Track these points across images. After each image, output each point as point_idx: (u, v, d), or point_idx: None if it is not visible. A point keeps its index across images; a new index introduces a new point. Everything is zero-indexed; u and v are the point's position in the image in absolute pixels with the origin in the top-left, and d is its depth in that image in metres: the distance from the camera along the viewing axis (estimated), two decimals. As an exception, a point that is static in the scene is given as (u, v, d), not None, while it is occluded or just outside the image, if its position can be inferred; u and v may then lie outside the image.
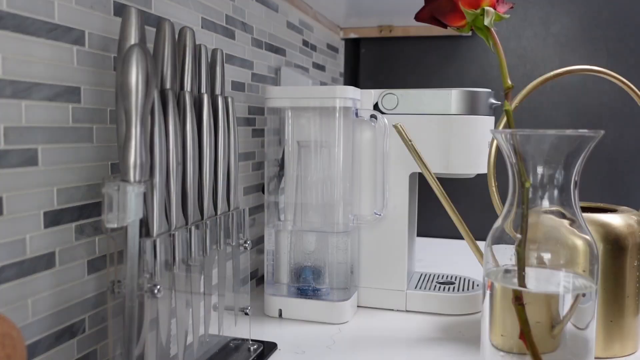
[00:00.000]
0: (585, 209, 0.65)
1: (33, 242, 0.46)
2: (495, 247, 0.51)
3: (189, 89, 0.53)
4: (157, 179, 0.48)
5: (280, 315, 0.76)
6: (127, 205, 0.44)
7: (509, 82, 0.49)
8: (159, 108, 0.48)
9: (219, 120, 0.57)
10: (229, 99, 0.59)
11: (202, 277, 0.56)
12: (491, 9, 0.48)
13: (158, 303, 0.49)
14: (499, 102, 0.80)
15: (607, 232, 0.64)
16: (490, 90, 0.79)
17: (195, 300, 0.55)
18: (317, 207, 0.77)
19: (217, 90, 0.59)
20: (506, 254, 0.51)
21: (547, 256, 0.48)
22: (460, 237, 0.65)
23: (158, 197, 0.48)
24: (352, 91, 0.75)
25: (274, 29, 0.95)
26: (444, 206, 0.67)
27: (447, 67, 1.35)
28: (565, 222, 0.48)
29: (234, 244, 0.61)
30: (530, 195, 0.48)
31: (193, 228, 0.53)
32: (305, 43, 1.11)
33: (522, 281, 0.48)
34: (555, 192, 0.48)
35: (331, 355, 0.64)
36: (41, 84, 0.46)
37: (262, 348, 0.64)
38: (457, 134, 0.77)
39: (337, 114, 0.74)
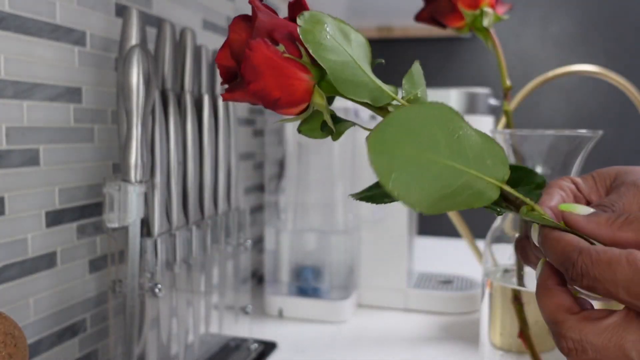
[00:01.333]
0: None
1: (34, 242, 0.46)
2: (494, 246, 0.52)
3: (189, 90, 0.54)
4: (158, 178, 0.48)
5: (280, 314, 0.76)
6: (128, 205, 0.44)
7: (508, 82, 0.49)
8: (159, 108, 0.48)
9: (219, 120, 0.57)
10: (230, 99, 0.59)
11: (203, 276, 0.56)
12: (490, 10, 0.49)
13: (159, 302, 0.49)
14: (498, 103, 0.80)
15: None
16: (489, 90, 0.80)
17: (196, 300, 0.55)
18: (317, 207, 0.77)
19: (218, 91, 0.60)
20: (505, 254, 0.51)
21: (545, 255, 0.48)
22: (460, 237, 0.65)
23: (159, 197, 0.48)
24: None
25: (274, 30, 0.95)
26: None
27: (447, 67, 1.35)
28: (564, 221, 0.49)
29: (234, 243, 0.61)
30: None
31: (194, 227, 0.53)
32: (305, 43, 1.11)
33: (521, 280, 0.48)
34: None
35: (331, 354, 0.64)
36: (43, 85, 0.46)
37: (262, 347, 0.64)
38: (457, 134, 0.77)
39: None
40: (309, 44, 0.28)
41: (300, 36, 0.28)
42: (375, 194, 0.32)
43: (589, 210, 0.29)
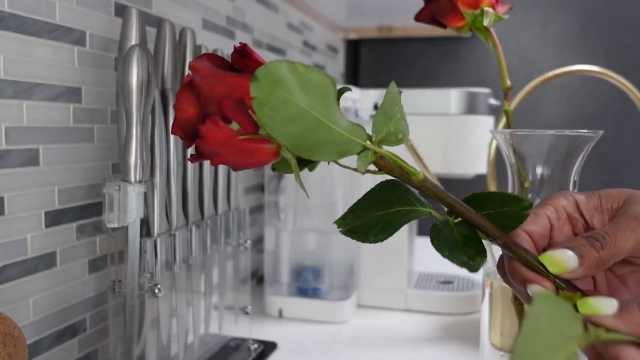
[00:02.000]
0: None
1: (34, 242, 0.46)
2: (494, 246, 0.52)
3: (189, 89, 0.54)
4: (158, 178, 0.48)
5: (280, 314, 0.76)
6: (128, 205, 0.44)
7: (508, 82, 0.49)
8: (159, 108, 0.48)
9: (219, 120, 0.57)
10: (229, 99, 0.59)
11: (203, 276, 0.56)
12: (490, 10, 0.48)
13: (159, 302, 0.49)
14: (499, 103, 0.80)
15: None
16: (489, 90, 0.80)
17: (195, 300, 0.55)
18: (317, 207, 0.77)
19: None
20: (505, 254, 0.51)
21: (546, 256, 0.48)
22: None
23: (159, 197, 0.48)
24: (351, 91, 0.75)
25: (274, 30, 0.95)
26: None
27: (447, 67, 1.35)
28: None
29: (234, 243, 0.61)
30: (529, 195, 0.48)
31: (193, 228, 0.53)
32: (305, 43, 1.11)
33: (521, 280, 0.48)
34: (555, 192, 0.48)
35: (331, 354, 0.64)
36: (42, 84, 0.46)
37: (262, 347, 0.64)
38: (457, 134, 0.77)
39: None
40: (266, 122, 0.25)
41: (256, 113, 0.25)
42: (360, 226, 0.31)
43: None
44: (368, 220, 0.31)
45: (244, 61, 0.27)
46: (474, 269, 0.29)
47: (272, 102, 0.25)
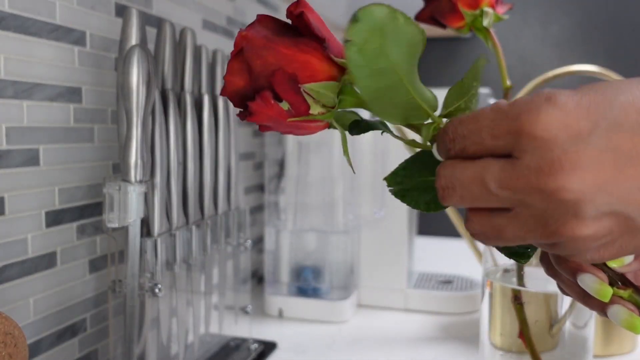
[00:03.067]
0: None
1: (34, 242, 0.46)
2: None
3: (189, 90, 0.54)
4: (158, 178, 0.48)
5: (280, 314, 0.76)
6: (128, 205, 0.44)
7: (508, 82, 0.49)
8: (159, 108, 0.48)
9: (219, 120, 0.57)
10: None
11: (203, 276, 0.56)
12: (490, 10, 0.48)
13: (159, 302, 0.49)
14: (499, 102, 0.80)
15: (606, 232, 0.63)
16: (489, 90, 0.80)
17: (195, 300, 0.55)
18: (317, 207, 0.77)
19: (218, 91, 0.60)
20: (505, 254, 0.51)
21: (545, 255, 0.48)
22: (460, 237, 0.65)
23: (159, 197, 0.48)
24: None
25: (274, 30, 0.95)
26: (444, 206, 0.67)
27: (447, 67, 1.36)
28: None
29: (234, 243, 0.61)
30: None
31: (194, 227, 0.53)
32: (305, 43, 1.11)
33: (521, 280, 0.48)
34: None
35: (331, 354, 0.64)
36: (42, 85, 0.46)
37: (262, 347, 0.64)
38: (457, 134, 0.77)
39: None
40: (353, 70, 0.24)
41: (346, 55, 0.23)
42: (410, 190, 0.29)
43: None
44: (419, 184, 0.29)
45: (298, 19, 0.26)
46: (525, 259, 0.28)
47: (366, 50, 0.24)
